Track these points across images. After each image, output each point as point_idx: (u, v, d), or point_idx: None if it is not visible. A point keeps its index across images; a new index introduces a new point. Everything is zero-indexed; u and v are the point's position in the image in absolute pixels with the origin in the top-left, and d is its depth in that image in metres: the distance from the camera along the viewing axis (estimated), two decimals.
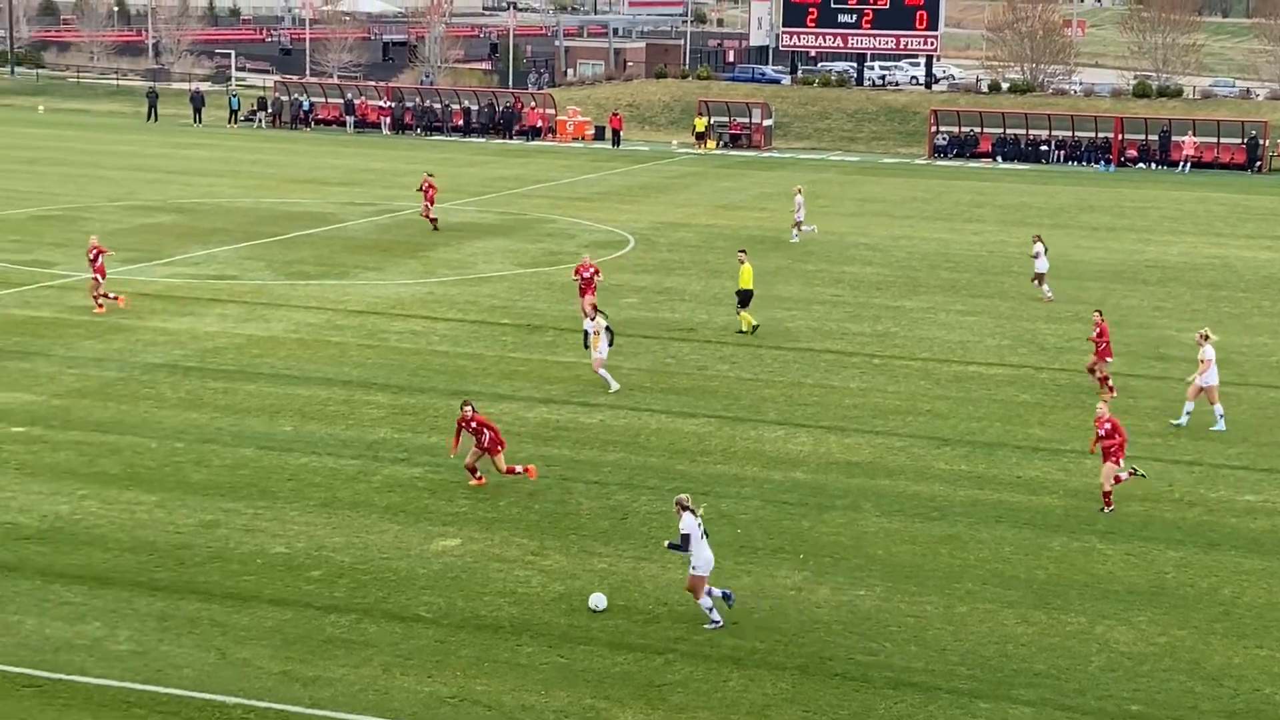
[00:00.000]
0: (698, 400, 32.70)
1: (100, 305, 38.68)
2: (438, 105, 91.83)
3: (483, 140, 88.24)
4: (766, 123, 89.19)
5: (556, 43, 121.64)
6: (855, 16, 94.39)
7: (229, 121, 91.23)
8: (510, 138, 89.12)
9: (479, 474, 26.64)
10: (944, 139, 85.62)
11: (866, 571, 23.32)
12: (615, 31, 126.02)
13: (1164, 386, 34.21)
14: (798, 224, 53.50)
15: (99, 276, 38.63)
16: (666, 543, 21.90)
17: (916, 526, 25.36)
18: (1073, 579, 23.22)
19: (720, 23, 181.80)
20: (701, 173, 75.58)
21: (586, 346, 32.99)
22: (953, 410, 32.39)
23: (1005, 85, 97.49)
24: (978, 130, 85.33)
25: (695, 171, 75.98)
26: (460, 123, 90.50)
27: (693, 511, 21.10)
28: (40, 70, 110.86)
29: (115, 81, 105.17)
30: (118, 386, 32.30)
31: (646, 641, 20.64)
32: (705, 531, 21.11)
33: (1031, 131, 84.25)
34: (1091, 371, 34.01)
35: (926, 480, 27.78)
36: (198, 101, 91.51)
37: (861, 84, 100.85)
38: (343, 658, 19.87)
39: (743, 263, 39.03)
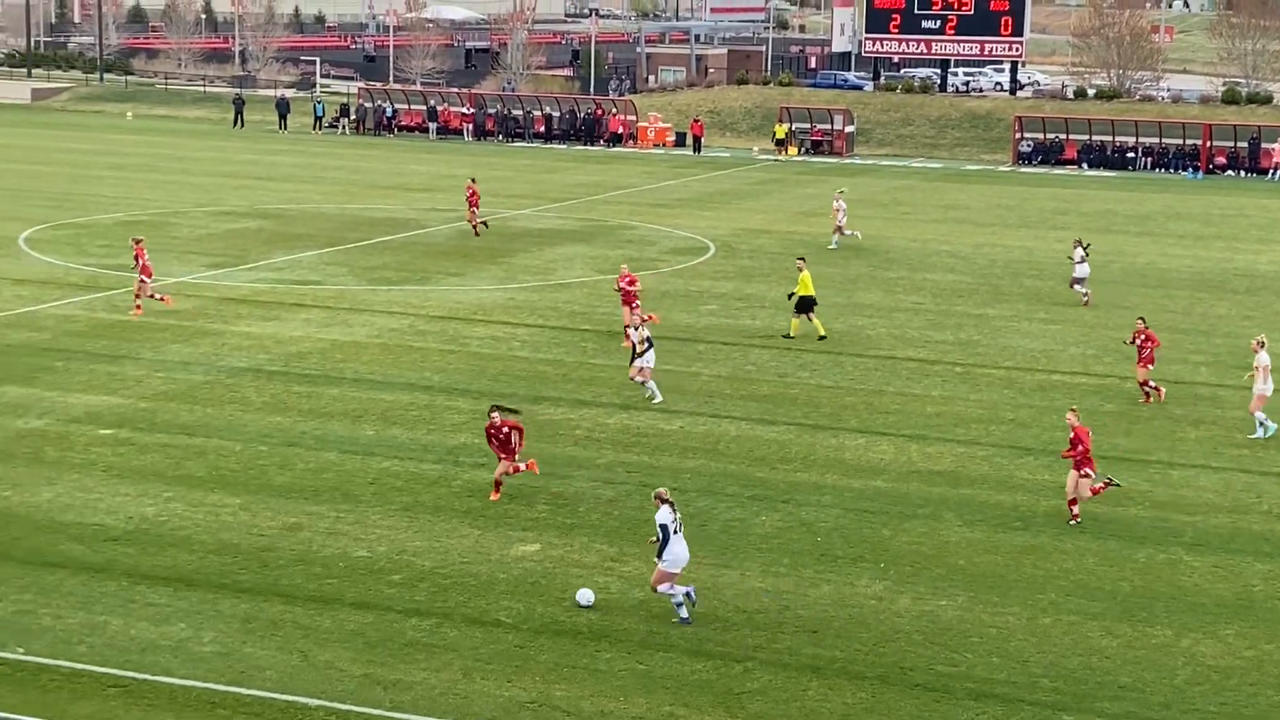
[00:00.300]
0: (778, 407, 32.61)
1: (139, 306, 39.23)
2: (519, 112, 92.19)
3: (564, 146, 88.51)
4: (848, 129, 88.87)
5: (638, 49, 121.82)
6: (939, 22, 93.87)
7: (313, 128, 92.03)
8: (591, 144, 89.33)
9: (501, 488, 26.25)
10: (1028, 146, 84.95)
11: (948, 581, 23.15)
12: (697, 38, 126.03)
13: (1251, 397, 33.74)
14: (839, 229, 53.21)
15: (145, 277, 39.14)
16: (650, 539, 22.04)
17: (999, 536, 25.15)
18: (1158, 591, 22.95)
19: (802, 29, 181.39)
20: (782, 179, 75.41)
21: (636, 355, 32.81)
22: (1036, 419, 32.11)
23: (1091, 91, 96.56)
24: (1063, 137, 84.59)
25: (776, 178, 75.84)
26: (541, 129, 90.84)
27: (671, 505, 21.26)
28: (129, 77, 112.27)
29: (202, 88, 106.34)
30: (203, 390, 32.65)
31: (725, 649, 20.60)
32: (680, 525, 21.31)
33: (1118, 138, 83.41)
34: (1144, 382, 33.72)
35: (1009, 490, 27.55)
36: (283, 108, 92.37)
37: (945, 90, 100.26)
38: (423, 661, 19.97)
39: (801, 270, 39.05)
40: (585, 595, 21.97)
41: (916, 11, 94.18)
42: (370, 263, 48.27)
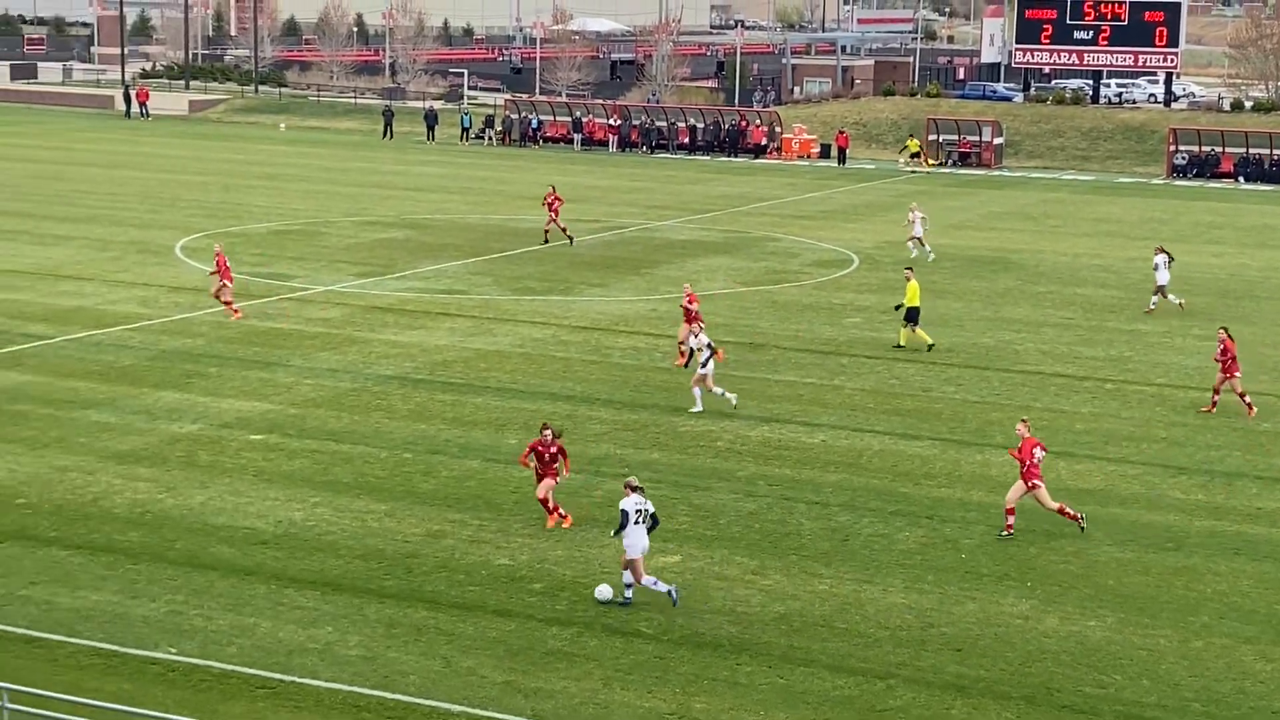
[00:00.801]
0: (922, 422, 32.27)
1: (237, 310, 40.15)
2: (663, 123, 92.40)
3: (707, 158, 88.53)
4: (997, 141, 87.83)
5: (783, 60, 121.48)
6: (1092, 33, 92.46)
7: (460, 139, 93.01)
8: (735, 156, 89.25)
9: (557, 509, 25.46)
10: (1183, 158, 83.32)
11: (1097, 602, 22.72)
12: (843, 49, 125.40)
13: None
14: (915, 239, 52.53)
15: (228, 282, 39.98)
16: (613, 532, 22.38)
17: (1150, 557, 24.64)
18: None
19: (950, 39, 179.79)
20: (929, 191, 74.72)
21: (703, 364, 32.78)
22: (1189, 438, 31.43)
23: (1248, 104, 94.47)
24: (1219, 150, 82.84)
25: (922, 190, 75.15)
26: (685, 140, 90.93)
27: (640, 493, 21.80)
28: (282, 89, 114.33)
29: (353, 100, 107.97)
30: (350, 397, 33.09)
31: (868, 665, 20.40)
32: (651, 517, 21.88)
33: (1276, 151, 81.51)
34: (1217, 391, 32.93)
35: (1161, 509, 26.99)
36: (431, 119, 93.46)
37: (1097, 101, 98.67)
38: (564, 670, 20.02)
39: (909, 280, 38.79)
40: (603, 591, 22.18)
41: (1068, 22, 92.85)
42: (514, 273, 48.64)
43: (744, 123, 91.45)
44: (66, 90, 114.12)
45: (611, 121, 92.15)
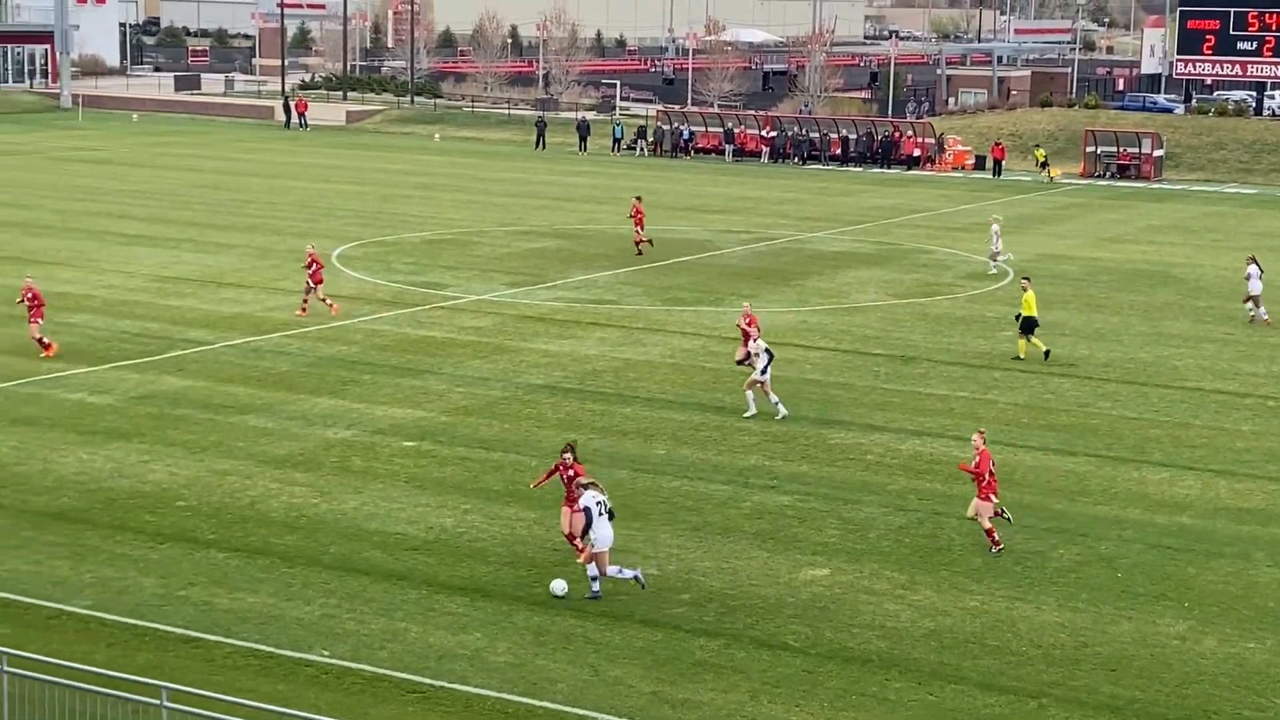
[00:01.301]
0: (1077, 438, 31.75)
1: (303, 309, 41.39)
2: (815, 134, 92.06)
3: (859, 169, 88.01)
4: (1157, 153, 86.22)
5: (938, 71, 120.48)
6: (1256, 44, 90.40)
7: (612, 149, 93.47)
8: (888, 167, 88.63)
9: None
10: None
11: (1256, 624, 22.17)
12: (999, 60, 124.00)
13: None
14: (994, 255, 51.74)
15: (313, 283, 41.16)
16: (580, 535, 22.70)
17: None
18: None
19: (1110, 50, 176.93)
20: (1086, 204, 73.57)
21: (762, 370, 32.68)
22: None
23: None
24: None
25: (1079, 203, 74.02)
26: (838, 151, 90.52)
27: (598, 489, 22.23)
28: (437, 100, 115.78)
29: (506, 111, 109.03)
30: (501, 405, 33.38)
31: (1020, 684, 20.10)
32: (610, 511, 22.19)
33: None
34: None
35: None
36: (583, 130, 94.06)
37: (1260, 113, 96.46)
38: (711, 682, 19.99)
39: (1026, 290, 38.49)
40: (558, 585, 22.50)
41: (1232, 33, 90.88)
42: (665, 283, 48.73)
43: (897, 134, 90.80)
44: (228, 101, 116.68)
45: (764, 133, 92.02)
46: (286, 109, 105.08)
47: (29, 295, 36.23)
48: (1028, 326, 38.38)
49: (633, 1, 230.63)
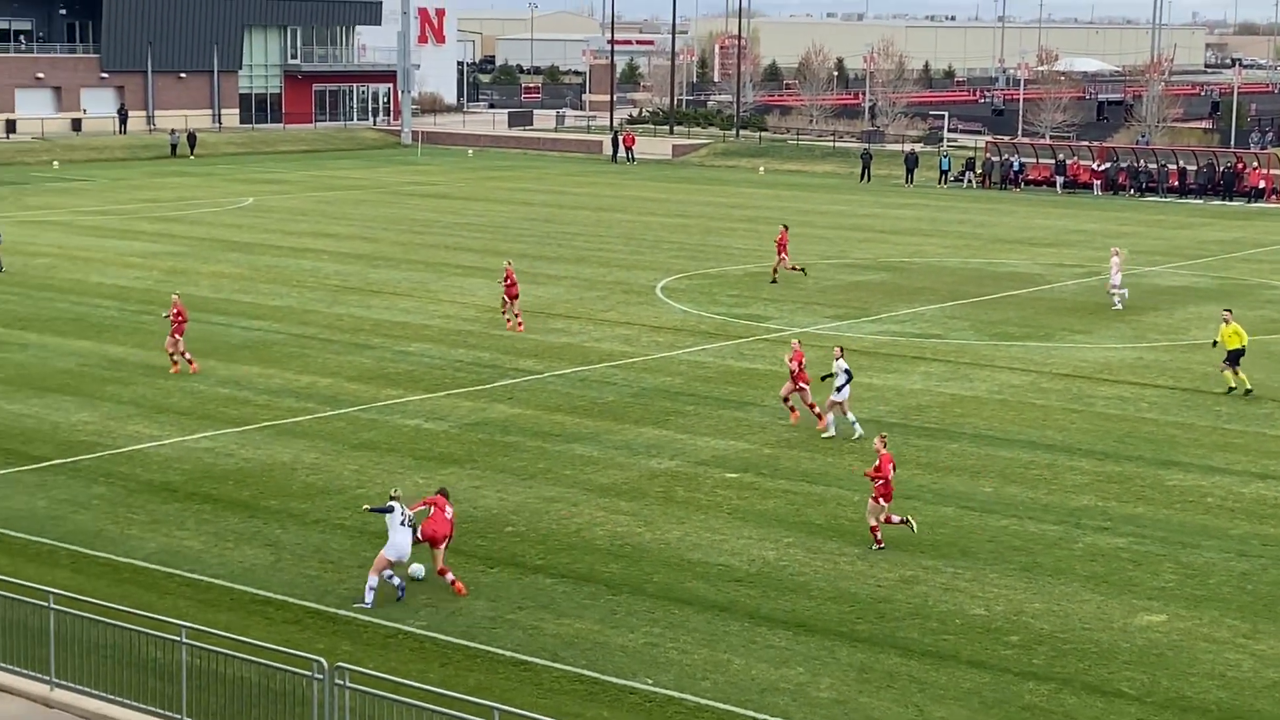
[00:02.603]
0: None
1: (514, 321, 43.91)
2: (1153, 165, 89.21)
3: (1199, 201, 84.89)
4: None
5: None
6: None
7: (938, 182, 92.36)
8: (1230, 199, 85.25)
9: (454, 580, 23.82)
10: None
11: None
12: None
13: None
14: (1115, 288, 49.21)
15: (509, 299, 43.63)
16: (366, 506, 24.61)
17: None
18: None
19: None
20: None
21: (839, 389, 32.63)
22: None
23: None
24: None
25: None
26: (1176, 183, 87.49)
27: (399, 502, 23.00)
28: (762, 133, 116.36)
29: (831, 143, 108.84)
30: (823, 440, 33.16)
31: None
32: (412, 524, 23.01)
33: None
34: None
35: None
36: (911, 162, 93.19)
37: None
38: None
39: (1227, 322, 37.31)
40: (417, 569, 23.70)
41: None
42: (992, 317, 47.81)
43: (1241, 165, 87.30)
44: (558, 136, 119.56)
45: (1097, 166, 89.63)
46: (614, 143, 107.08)
47: (175, 313, 38.00)
48: (1232, 357, 37.38)
49: (961, 33, 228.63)
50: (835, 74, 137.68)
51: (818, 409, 33.55)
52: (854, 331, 45.21)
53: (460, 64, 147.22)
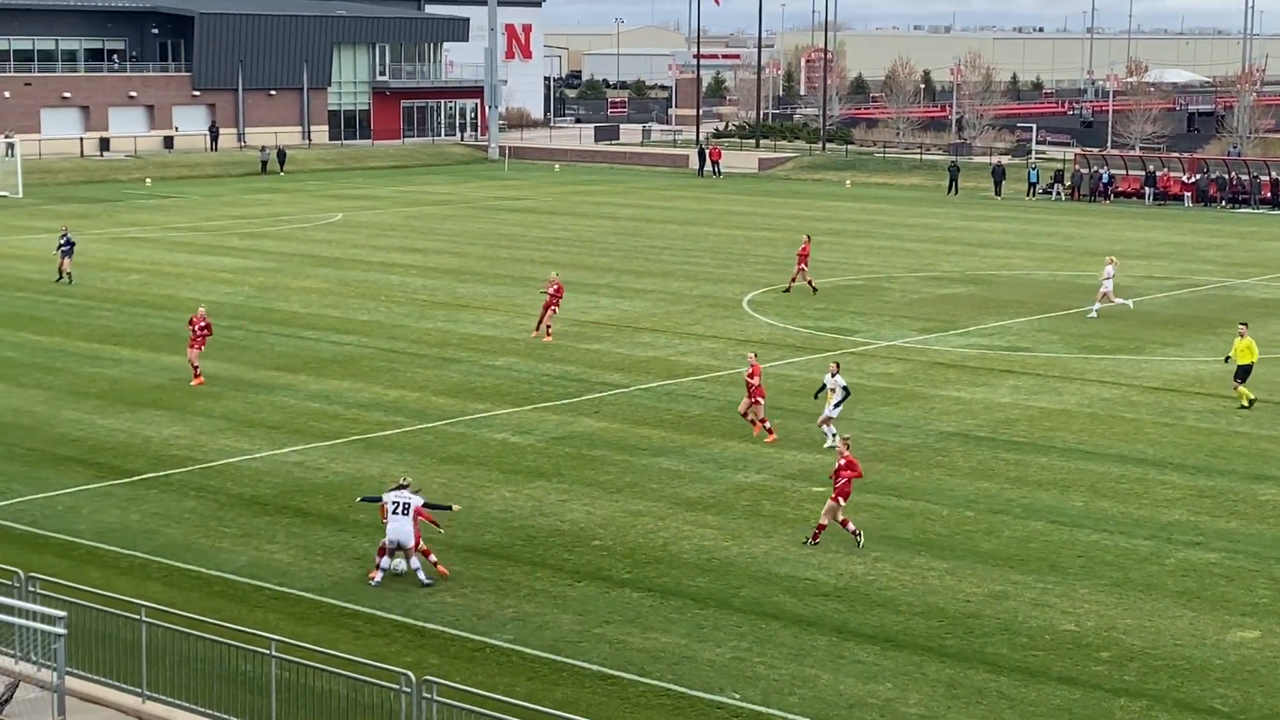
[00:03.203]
0: None
1: (547, 332, 44.82)
2: (1245, 176, 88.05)
3: None
4: None
5: None
6: None
7: (1027, 194, 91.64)
8: None
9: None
10: None
11: None
12: None
13: None
14: (1104, 295, 48.68)
15: (550, 309, 44.82)
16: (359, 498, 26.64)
17: None
18: None
19: None
20: None
21: (835, 404, 32.80)
22: None
23: None
24: None
25: None
26: (1269, 195, 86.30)
27: (409, 489, 24.39)
28: (848, 146, 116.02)
29: (918, 156, 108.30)
30: (911, 452, 33.01)
31: None
32: (404, 510, 24.12)
33: None
34: None
35: None
36: (999, 175, 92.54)
37: None
38: None
39: (1243, 335, 36.89)
40: (399, 564, 24.62)
41: None
42: (1081, 330, 47.37)
43: None
44: (645, 150, 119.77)
45: (1187, 178, 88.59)
46: (701, 157, 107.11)
47: (200, 324, 38.77)
48: (1240, 372, 36.89)
49: (1049, 45, 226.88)
50: (922, 86, 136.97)
51: (767, 424, 33.75)
52: (941, 344, 44.95)
53: (547, 79, 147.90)
